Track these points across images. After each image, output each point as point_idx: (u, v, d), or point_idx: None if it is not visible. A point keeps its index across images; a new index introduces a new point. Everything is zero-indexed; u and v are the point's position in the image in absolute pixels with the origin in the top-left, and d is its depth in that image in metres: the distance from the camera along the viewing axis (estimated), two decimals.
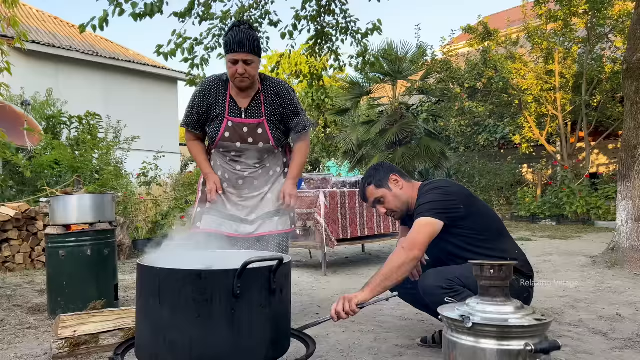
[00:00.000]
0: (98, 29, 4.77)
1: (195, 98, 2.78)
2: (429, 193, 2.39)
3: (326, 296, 4.02)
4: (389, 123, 10.72)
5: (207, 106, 2.75)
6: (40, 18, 16.20)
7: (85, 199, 3.54)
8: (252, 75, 2.61)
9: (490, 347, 1.44)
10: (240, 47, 2.53)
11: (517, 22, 12.02)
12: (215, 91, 2.75)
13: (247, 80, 2.62)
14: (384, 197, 2.51)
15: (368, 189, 2.54)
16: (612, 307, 3.40)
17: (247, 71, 2.58)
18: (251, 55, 2.57)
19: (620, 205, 5.04)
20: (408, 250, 2.16)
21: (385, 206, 2.53)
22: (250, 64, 2.58)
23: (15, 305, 3.82)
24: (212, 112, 2.76)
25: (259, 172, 2.85)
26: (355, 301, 2.08)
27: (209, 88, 2.75)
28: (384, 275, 2.14)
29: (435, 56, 11.89)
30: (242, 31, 2.57)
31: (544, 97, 10.72)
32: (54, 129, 9.20)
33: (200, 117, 2.79)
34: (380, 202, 2.53)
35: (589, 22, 10.11)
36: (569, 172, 10.15)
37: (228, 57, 2.59)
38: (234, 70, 2.58)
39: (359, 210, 5.35)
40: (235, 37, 2.55)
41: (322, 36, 6.64)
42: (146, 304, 1.69)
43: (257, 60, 2.62)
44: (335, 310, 2.09)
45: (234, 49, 2.54)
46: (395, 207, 2.51)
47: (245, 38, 2.55)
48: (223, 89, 2.74)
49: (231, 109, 2.74)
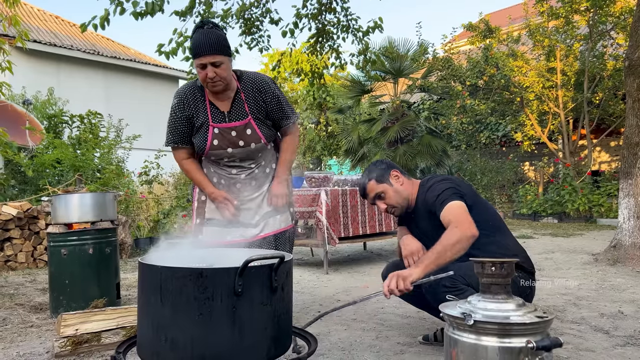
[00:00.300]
0: (99, 27, 4.77)
1: (174, 112, 2.60)
2: (439, 183, 2.39)
3: (328, 294, 4.02)
4: (390, 121, 10.72)
5: (189, 117, 2.59)
6: (41, 17, 16.21)
7: (86, 197, 3.55)
8: (223, 77, 2.43)
9: (492, 345, 1.44)
10: (205, 49, 2.36)
11: (518, 20, 11.98)
12: (193, 100, 2.58)
13: (220, 83, 2.45)
14: (385, 192, 2.50)
15: (369, 184, 2.52)
16: (614, 305, 3.40)
17: (217, 74, 2.40)
18: (219, 56, 2.38)
19: (622, 202, 5.03)
20: (463, 229, 2.11)
21: (386, 202, 2.51)
22: (219, 65, 2.40)
23: (18, 304, 3.83)
24: (195, 122, 2.59)
25: (255, 172, 2.73)
26: (410, 279, 2.01)
27: (186, 98, 2.58)
28: (438, 252, 2.07)
29: (437, 54, 11.85)
30: (206, 32, 2.39)
31: (545, 95, 10.70)
32: (55, 128, 9.22)
33: (185, 129, 2.62)
34: (380, 197, 2.51)
35: (590, 19, 10.08)
36: (570, 170, 10.13)
37: (195, 63, 2.42)
38: (203, 75, 2.41)
39: (360, 209, 5.35)
40: (199, 40, 2.38)
41: (323, 34, 6.63)
42: (148, 303, 1.69)
43: (226, 60, 2.42)
44: (388, 288, 2.02)
45: (199, 53, 2.37)
46: (396, 202, 2.50)
47: (210, 38, 2.36)
48: (201, 95, 2.58)
49: (214, 115, 2.57)
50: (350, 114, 12.17)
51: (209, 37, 2.36)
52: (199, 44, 2.37)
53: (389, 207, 2.53)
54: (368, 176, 2.54)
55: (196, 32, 2.40)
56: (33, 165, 7.20)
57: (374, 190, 2.51)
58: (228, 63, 2.45)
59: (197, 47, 2.37)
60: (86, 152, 7.82)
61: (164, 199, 7.88)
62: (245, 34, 6.47)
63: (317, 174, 5.48)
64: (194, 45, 2.39)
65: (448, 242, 2.09)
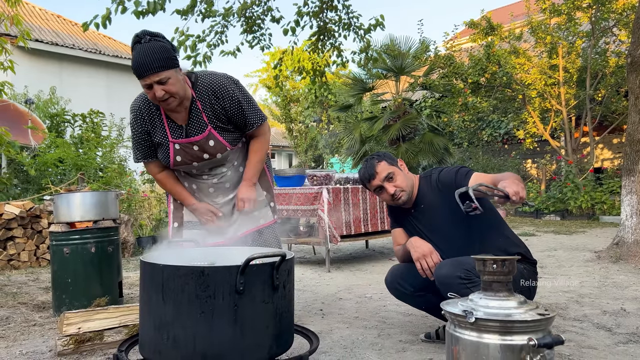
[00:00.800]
0: (101, 27, 4.77)
1: (133, 127, 2.47)
2: (443, 172, 2.44)
3: (330, 292, 4.02)
4: (392, 119, 10.69)
5: (147, 132, 2.44)
6: (43, 16, 16.23)
7: (88, 196, 3.56)
8: (173, 92, 2.21)
9: (493, 342, 1.44)
10: (145, 69, 2.14)
11: (520, 17, 11.96)
12: (148, 114, 2.41)
13: (172, 99, 2.24)
14: (395, 173, 2.44)
15: (380, 164, 2.45)
16: (616, 302, 3.39)
17: (166, 91, 2.19)
18: (163, 73, 2.15)
19: (625, 199, 5.02)
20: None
21: (395, 184, 2.43)
22: (166, 81, 2.17)
23: (21, 303, 3.84)
24: (154, 138, 2.44)
25: (228, 174, 2.58)
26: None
27: (141, 113, 2.41)
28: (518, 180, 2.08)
29: (438, 51, 11.83)
30: (144, 48, 2.15)
31: (547, 92, 10.67)
32: (57, 127, 9.23)
33: (148, 144, 2.49)
34: (390, 178, 2.44)
35: (593, 15, 10.05)
36: (573, 167, 10.12)
37: (140, 83, 2.22)
38: (152, 96, 2.21)
39: (362, 207, 5.35)
40: (137, 59, 2.15)
41: (325, 32, 6.62)
42: (149, 301, 1.70)
43: (172, 74, 2.19)
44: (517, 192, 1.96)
45: (141, 74, 2.15)
46: (404, 185, 2.44)
47: (149, 55, 2.13)
48: (156, 109, 2.39)
49: (172, 130, 2.40)
50: (352, 112, 12.15)
51: (148, 54, 2.14)
52: (138, 65, 2.15)
53: (397, 190, 2.43)
54: (379, 156, 2.48)
55: (134, 50, 2.18)
56: (35, 164, 7.21)
57: (385, 170, 2.44)
58: (176, 75, 2.22)
59: (137, 68, 2.15)
60: (88, 151, 7.83)
61: (166, 198, 7.88)
62: (246, 33, 6.46)
63: (318, 172, 5.48)
64: (134, 66, 2.17)
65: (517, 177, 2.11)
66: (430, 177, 2.50)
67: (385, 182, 2.44)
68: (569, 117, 10.97)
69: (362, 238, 5.63)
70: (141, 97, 2.44)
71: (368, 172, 2.48)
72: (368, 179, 2.48)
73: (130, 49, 2.21)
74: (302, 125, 20.93)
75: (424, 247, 2.36)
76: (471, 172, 2.33)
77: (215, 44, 6.19)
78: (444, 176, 2.42)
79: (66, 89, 12.23)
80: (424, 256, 2.33)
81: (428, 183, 2.49)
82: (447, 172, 2.43)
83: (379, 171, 2.44)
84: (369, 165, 2.48)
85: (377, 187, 2.47)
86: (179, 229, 2.63)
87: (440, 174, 2.45)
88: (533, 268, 2.37)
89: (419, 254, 2.35)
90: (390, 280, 2.60)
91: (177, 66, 2.23)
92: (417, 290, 2.48)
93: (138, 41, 2.18)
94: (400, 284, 2.55)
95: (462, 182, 2.27)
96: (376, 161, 2.46)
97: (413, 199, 2.50)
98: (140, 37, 2.18)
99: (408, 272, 2.49)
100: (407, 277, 2.51)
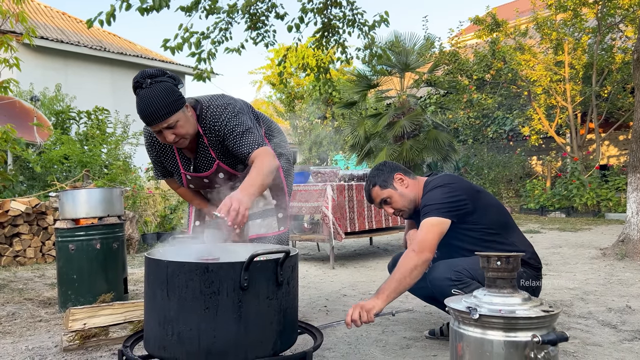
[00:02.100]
0: (105, 24, 4.78)
1: (148, 150, 2.44)
2: (433, 191, 2.35)
3: (334, 289, 4.03)
4: (396, 116, 10.67)
5: (159, 156, 2.42)
6: (48, 14, 16.28)
7: (93, 193, 3.57)
8: (184, 134, 2.15)
9: (497, 339, 1.44)
10: (153, 119, 2.05)
11: (526, 13, 11.89)
12: (158, 143, 2.37)
13: (184, 140, 2.18)
14: (391, 197, 2.47)
15: (373, 190, 2.50)
16: (621, 299, 3.38)
17: (177, 134, 2.13)
18: (171, 118, 2.07)
19: (631, 196, 5.00)
20: (419, 253, 2.12)
21: (392, 206, 2.49)
22: (175, 125, 2.10)
23: (27, 299, 3.87)
24: (167, 166, 2.43)
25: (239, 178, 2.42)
26: (373, 312, 2.02)
27: (153, 140, 2.37)
28: (398, 280, 2.09)
29: (443, 48, 11.81)
30: (146, 94, 2.04)
31: (553, 88, 10.62)
32: (63, 124, 9.27)
33: (163, 165, 2.47)
34: (387, 202, 2.49)
35: (599, 11, 9.98)
36: (578, 164, 10.07)
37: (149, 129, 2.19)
38: (162, 139, 2.16)
39: (366, 204, 5.34)
40: (143, 109, 2.05)
41: (329, 29, 6.61)
42: (154, 297, 1.70)
43: (181, 116, 2.10)
44: (351, 318, 2.02)
45: (149, 123, 2.08)
46: (402, 206, 2.48)
47: (154, 103, 2.03)
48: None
49: (183, 161, 2.39)
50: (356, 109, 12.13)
51: (153, 101, 2.04)
52: (144, 115, 2.06)
53: (396, 211, 2.51)
54: (372, 182, 2.51)
55: (137, 96, 2.07)
56: (41, 161, 7.25)
57: (379, 196, 2.50)
58: (184, 115, 2.13)
59: (144, 117, 2.07)
60: (93, 148, 7.87)
61: (170, 195, 7.90)
62: (250, 29, 6.46)
63: (323, 169, 5.48)
64: (140, 116, 2.08)
65: (406, 268, 2.10)
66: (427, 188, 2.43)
67: (383, 205, 2.52)
68: (575, 113, 10.91)
69: (367, 235, 5.63)
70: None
71: (366, 197, 2.59)
72: (369, 200, 2.59)
73: (133, 91, 2.10)
74: (307, 122, 20.92)
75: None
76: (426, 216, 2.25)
77: (220, 41, 6.19)
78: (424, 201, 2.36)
79: (71, 86, 12.27)
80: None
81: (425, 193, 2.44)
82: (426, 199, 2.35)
83: (374, 197, 2.52)
84: (365, 191, 2.57)
85: (379, 207, 2.58)
86: (201, 227, 2.59)
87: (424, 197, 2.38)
88: (536, 273, 2.34)
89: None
90: (392, 265, 2.64)
91: (183, 105, 2.12)
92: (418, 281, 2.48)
93: (139, 86, 2.07)
94: None
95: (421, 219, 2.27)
96: (371, 186, 2.51)
97: (419, 204, 2.46)
98: (140, 81, 2.07)
99: None
100: None
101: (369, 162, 11.44)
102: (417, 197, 2.48)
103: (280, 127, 2.83)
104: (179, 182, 2.48)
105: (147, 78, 2.07)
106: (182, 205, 7.67)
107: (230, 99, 2.34)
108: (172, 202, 7.87)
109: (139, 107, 2.06)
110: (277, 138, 2.69)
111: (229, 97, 2.37)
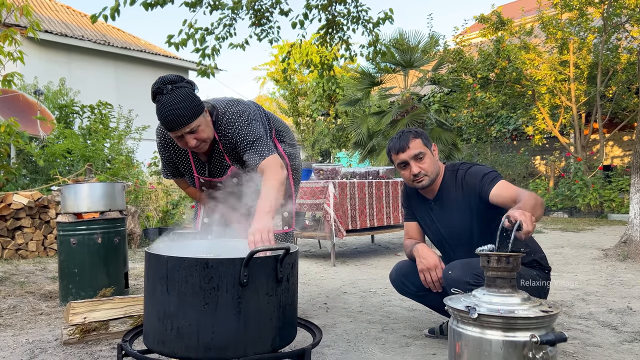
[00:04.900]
0: (110, 18, 4.78)
1: (159, 149, 2.46)
2: (475, 167, 2.35)
3: (334, 286, 4.03)
4: (400, 113, 10.65)
5: (171, 157, 2.45)
6: (52, 8, 16.29)
7: (96, 187, 3.58)
8: (205, 138, 2.18)
9: (496, 338, 1.44)
10: (175, 124, 2.07)
11: (531, 12, 11.83)
12: (172, 144, 2.38)
13: (204, 144, 2.21)
14: (426, 155, 2.35)
15: (416, 141, 2.34)
16: (622, 300, 3.37)
17: (198, 139, 2.15)
18: (193, 123, 2.09)
19: (634, 197, 4.98)
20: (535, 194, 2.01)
21: (422, 165, 2.34)
22: (197, 129, 2.12)
23: (28, 292, 3.88)
24: (179, 166, 2.45)
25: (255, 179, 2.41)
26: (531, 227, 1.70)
27: (167, 141, 2.39)
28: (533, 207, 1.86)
29: (448, 46, 11.73)
30: (168, 100, 2.05)
31: (557, 88, 10.57)
32: (66, 118, 9.29)
33: (174, 166, 2.50)
34: (420, 158, 2.33)
35: (605, 11, 9.92)
36: (582, 164, 10.04)
37: (170, 134, 2.18)
38: (184, 145, 2.18)
39: (368, 201, 5.34)
40: (164, 115, 2.06)
41: (333, 25, 6.59)
42: (154, 292, 1.71)
43: (202, 120, 2.13)
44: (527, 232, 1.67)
45: (171, 128, 2.09)
46: (429, 170, 2.35)
47: (176, 109, 2.05)
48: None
49: (197, 165, 2.41)
50: (359, 106, 12.11)
51: (176, 107, 2.05)
52: (166, 120, 2.07)
53: (421, 173, 2.34)
54: (416, 133, 2.38)
55: (158, 102, 2.08)
56: (44, 155, 7.26)
57: (418, 148, 2.33)
58: (204, 120, 2.16)
59: (166, 123, 2.08)
60: (96, 143, 7.88)
61: (173, 190, 7.92)
62: (255, 25, 6.45)
63: (325, 166, 5.48)
64: (162, 121, 2.10)
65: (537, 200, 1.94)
66: (457, 172, 2.40)
67: (412, 160, 2.33)
68: (579, 113, 10.87)
69: (368, 233, 5.63)
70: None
71: (400, 144, 2.34)
72: (397, 150, 2.35)
73: (152, 97, 2.10)
74: (310, 119, 20.91)
75: (429, 259, 2.34)
76: (497, 179, 2.22)
77: (224, 37, 6.17)
78: (470, 176, 2.32)
79: (75, 80, 12.28)
80: (428, 269, 2.33)
81: (453, 177, 2.40)
82: (474, 172, 2.32)
83: (411, 147, 2.33)
84: (404, 138, 2.35)
85: (403, 162, 2.36)
86: (209, 225, 2.59)
87: (467, 173, 2.35)
88: (546, 275, 2.32)
89: (424, 266, 2.34)
90: (394, 278, 2.60)
91: (203, 110, 2.15)
92: (420, 290, 2.47)
93: (160, 92, 2.08)
94: (404, 282, 2.55)
95: (486, 188, 2.21)
96: (412, 136, 2.34)
97: (435, 189, 2.42)
98: (160, 87, 2.08)
99: (412, 271, 2.47)
100: (410, 277, 2.49)
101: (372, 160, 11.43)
102: (439, 174, 2.42)
103: (287, 125, 2.85)
104: (190, 183, 2.50)
105: (167, 84, 2.08)
106: (184, 200, 7.67)
107: (245, 106, 2.36)
108: (174, 198, 7.89)
109: (161, 113, 2.07)
110: (287, 137, 2.74)
111: (244, 104, 2.39)
